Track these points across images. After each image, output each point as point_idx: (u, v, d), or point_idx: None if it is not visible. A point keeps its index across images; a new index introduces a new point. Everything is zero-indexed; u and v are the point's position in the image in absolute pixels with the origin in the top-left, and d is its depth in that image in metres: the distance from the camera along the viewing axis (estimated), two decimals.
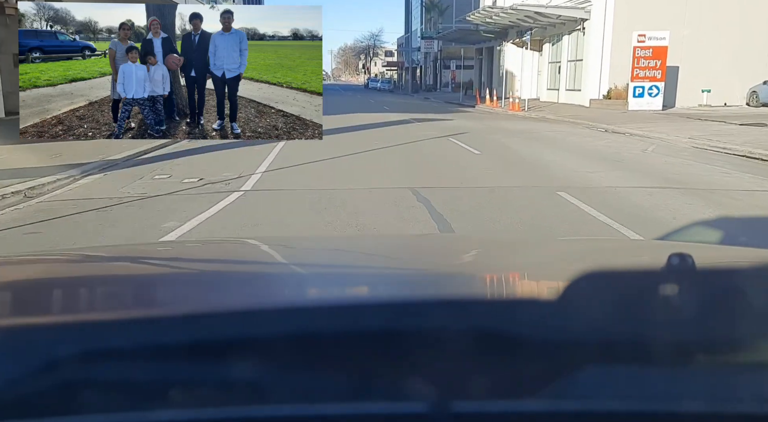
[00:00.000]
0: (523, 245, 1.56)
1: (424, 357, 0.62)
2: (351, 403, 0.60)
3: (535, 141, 12.75)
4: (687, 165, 9.10)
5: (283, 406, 0.59)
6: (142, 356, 0.62)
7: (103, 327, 0.67)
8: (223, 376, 0.61)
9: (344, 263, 1.22)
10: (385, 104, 31.10)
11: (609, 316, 0.63)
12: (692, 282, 0.69)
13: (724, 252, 1.35)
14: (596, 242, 1.98)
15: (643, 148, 11.45)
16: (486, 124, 18.21)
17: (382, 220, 5.52)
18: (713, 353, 0.63)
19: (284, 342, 0.63)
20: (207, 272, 1.15)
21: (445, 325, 0.63)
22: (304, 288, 0.99)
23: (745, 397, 0.60)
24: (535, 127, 17.05)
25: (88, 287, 1.03)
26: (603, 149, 11.13)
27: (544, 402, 0.59)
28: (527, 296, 0.82)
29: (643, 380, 0.60)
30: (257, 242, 1.63)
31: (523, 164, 9.31)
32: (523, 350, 0.61)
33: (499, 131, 15.51)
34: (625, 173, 8.24)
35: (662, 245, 1.97)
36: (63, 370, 0.60)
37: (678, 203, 6.24)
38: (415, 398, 0.59)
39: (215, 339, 0.63)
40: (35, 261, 1.27)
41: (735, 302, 0.65)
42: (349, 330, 0.65)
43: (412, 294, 0.89)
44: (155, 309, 0.85)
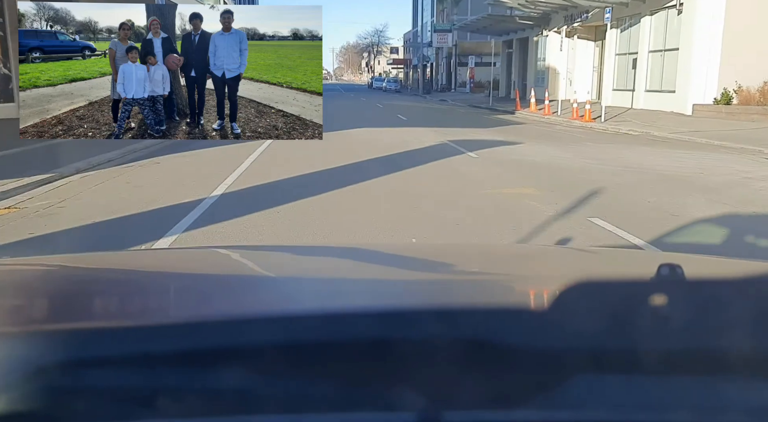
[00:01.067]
0: (514, 255, 1.56)
1: (414, 366, 0.61)
2: (341, 413, 0.59)
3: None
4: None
5: (273, 416, 0.59)
6: (132, 364, 0.62)
7: (92, 335, 0.67)
8: (213, 385, 0.61)
9: (334, 271, 1.22)
10: (397, 110, 24.67)
11: (600, 326, 0.63)
12: (682, 293, 0.69)
13: (715, 263, 1.35)
14: (587, 252, 1.98)
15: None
16: (583, 152, 11.06)
17: None
18: (703, 363, 0.62)
19: (274, 351, 0.63)
20: (197, 280, 1.15)
21: (436, 334, 0.63)
22: (294, 297, 0.98)
23: (734, 407, 0.60)
24: (682, 157, 10.54)
25: (76, 295, 1.02)
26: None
27: (536, 412, 0.59)
28: (518, 305, 0.82)
29: (634, 390, 0.60)
30: (247, 251, 1.63)
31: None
32: (515, 359, 0.61)
33: (644, 180, 8.14)
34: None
35: (653, 255, 1.98)
36: (51, 378, 0.59)
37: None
38: (406, 408, 0.59)
39: (205, 348, 0.63)
40: (21, 267, 1.26)
41: (725, 313, 0.65)
42: (340, 339, 0.65)
43: (402, 303, 0.88)
44: (145, 317, 0.85)
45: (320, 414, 0.59)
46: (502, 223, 5.76)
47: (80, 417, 0.58)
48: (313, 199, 6.67)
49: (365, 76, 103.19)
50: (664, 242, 5.12)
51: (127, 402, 0.60)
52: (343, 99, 37.39)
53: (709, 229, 5.67)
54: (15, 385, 0.59)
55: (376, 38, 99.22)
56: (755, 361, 0.62)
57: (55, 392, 0.59)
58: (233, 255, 1.52)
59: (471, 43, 43.46)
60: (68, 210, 6.34)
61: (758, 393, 0.61)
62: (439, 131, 15.10)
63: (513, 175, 8.52)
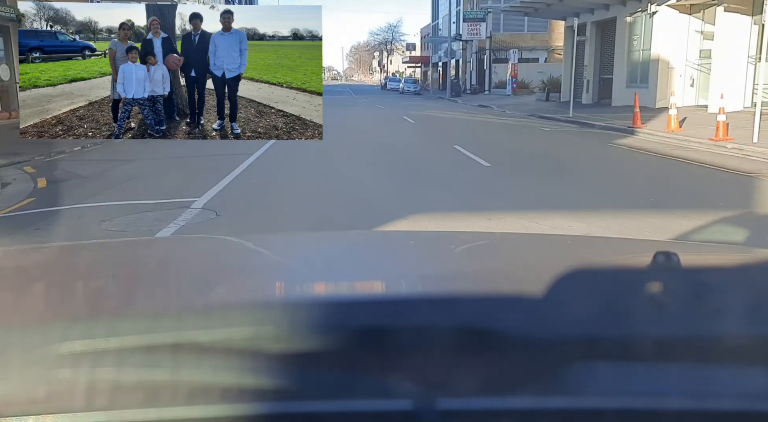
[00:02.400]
0: (510, 244, 1.55)
1: (410, 354, 0.62)
2: (337, 401, 0.59)
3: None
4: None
5: (269, 403, 0.59)
6: (130, 353, 0.62)
7: (91, 324, 0.67)
8: (210, 374, 0.61)
9: (331, 260, 1.22)
10: (440, 128, 17.24)
11: (595, 313, 0.63)
12: (677, 280, 0.70)
13: (709, 251, 1.34)
14: (583, 240, 1.98)
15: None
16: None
17: None
18: (698, 350, 0.62)
19: (270, 340, 0.63)
20: (194, 268, 1.16)
21: (432, 323, 0.63)
22: (290, 285, 0.99)
23: (728, 393, 0.60)
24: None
25: (76, 283, 1.03)
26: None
27: (531, 399, 0.59)
28: (514, 293, 0.82)
29: (629, 377, 0.60)
30: (244, 240, 1.63)
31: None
32: (510, 347, 0.61)
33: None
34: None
35: (648, 243, 1.97)
36: (52, 367, 0.60)
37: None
38: (402, 395, 0.59)
39: (202, 336, 0.64)
40: (19, 255, 1.27)
41: (719, 300, 0.65)
42: (336, 327, 0.65)
43: (398, 292, 0.89)
44: (144, 306, 0.86)
45: (317, 402, 0.59)
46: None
47: (78, 407, 0.58)
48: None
49: (376, 77, 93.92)
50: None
51: (124, 391, 0.60)
52: (353, 106, 26.99)
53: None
54: (16, 374, 0.59)
55: (389, 34, 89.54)
56: (749, 348, 0.62)
57: (56, 380, 0.60)
58: (229, 244, 1.54)
59: (506, 35, 33.43)
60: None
61: (752, 380, 0.61)
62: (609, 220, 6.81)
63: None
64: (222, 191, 8.53)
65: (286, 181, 9.63)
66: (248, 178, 9.87)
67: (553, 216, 7.00)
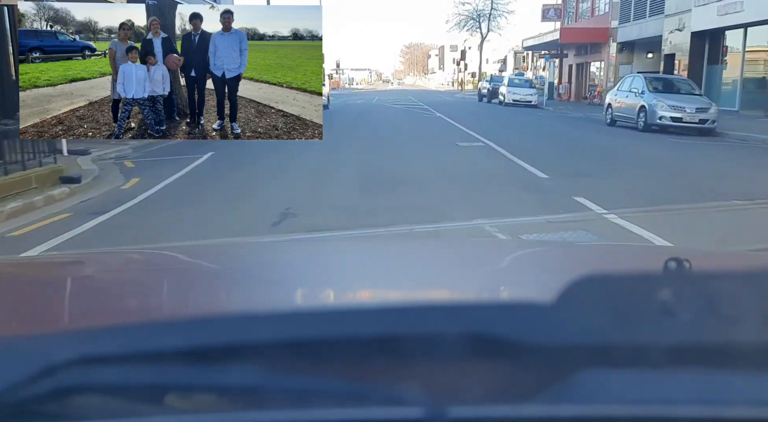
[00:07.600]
0: (519, 250, 1.55)
1: (421, 361, 0.61)
2: (346, 409, 0.59)
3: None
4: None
5: (278, 412, 0.59)
6: (139, 361, 0.62)
7: (100, 331, 0.67)
8: (219, 381, 0.61)
9: (339, 267, 1.22)
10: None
11: (606, 320, 0.63)
12: (689, 287, 0.69)
13: (721, 257, 1.34)
14: (593, 247, 1.98)
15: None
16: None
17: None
18: (710, 357, 0.62)
19: (279, 347, 0.63)
20: (203, 276, 1.15)
21: (442, 330, 0.63)
22: (299, 293, 0.99)
23: (741, 401, 0.60)
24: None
25: (84, 292, 1.02)
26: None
27: (541, 407, 0.59)
28: (524, 300, 0.82)
29: (641, 384, 0.60)
30: (251, 246, 1.63)
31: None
32: (520, 354, 0.61)
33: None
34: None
35: (660, 249, 1.97)
36: (59, 376, 0.60)
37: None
38: (411, 403, 0.58)
39: (211, 344, 0.63)
40: (29, 265, 1.27)
41: (731, 306, 0.65)
42: (345, 334, 0.65)
43: (408, 298, 0.88)
44: (152, 314, 0.85)
45: (326, 410, 0.59)
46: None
47: (89, 415, 0.58)
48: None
49: (434, 80, 61.02)
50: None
51: (134, 399, 0.60)
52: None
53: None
54: (22, 383, 0.59)
55: (486, 5, 51.68)
56: (762, 355, 0.62)
57: (64, 390, 0.59)
58: (238, 251, 1.53)
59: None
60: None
61: (765, 387, 0.61)
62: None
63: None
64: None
65: None
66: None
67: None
